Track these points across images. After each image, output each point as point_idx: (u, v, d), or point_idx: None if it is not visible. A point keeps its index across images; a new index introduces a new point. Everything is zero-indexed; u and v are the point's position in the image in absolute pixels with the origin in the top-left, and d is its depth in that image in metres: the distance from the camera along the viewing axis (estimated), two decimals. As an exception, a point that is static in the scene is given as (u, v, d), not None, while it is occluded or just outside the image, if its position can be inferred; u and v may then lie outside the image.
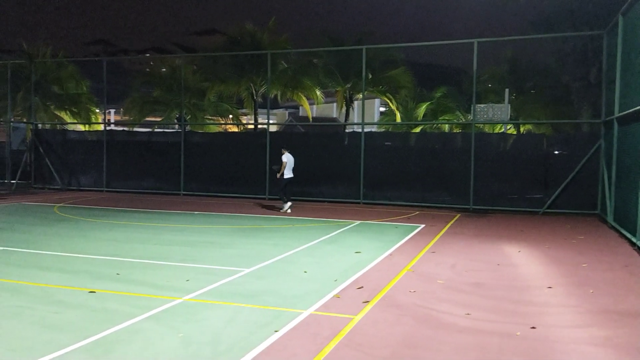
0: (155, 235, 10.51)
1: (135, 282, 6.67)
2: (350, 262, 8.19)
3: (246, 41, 22.49)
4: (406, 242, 10.15)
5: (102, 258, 8.12)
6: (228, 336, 4.81)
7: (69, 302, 5.76)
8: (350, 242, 10.00)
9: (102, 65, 20.68)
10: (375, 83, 22.20)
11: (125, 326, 5.01)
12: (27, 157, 21.20)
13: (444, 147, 16.77)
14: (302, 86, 22.75)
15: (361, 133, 17.25)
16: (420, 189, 16.57)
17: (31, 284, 6.54)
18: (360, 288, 6.60)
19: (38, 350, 4.37)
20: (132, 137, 21.45)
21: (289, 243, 9.69)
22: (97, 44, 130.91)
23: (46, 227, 11.13)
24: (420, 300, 6.13)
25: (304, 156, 17.81)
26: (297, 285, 6.71)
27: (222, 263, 7.93)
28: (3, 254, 8.35)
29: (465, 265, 8.14)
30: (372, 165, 17.01)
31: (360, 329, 5.10)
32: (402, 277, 7.25)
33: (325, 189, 17.58)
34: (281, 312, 5.56)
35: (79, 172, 20.77)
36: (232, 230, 11.30)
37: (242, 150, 18.74)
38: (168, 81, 23.69)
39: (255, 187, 18.25)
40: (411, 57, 25.29)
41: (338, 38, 22.79)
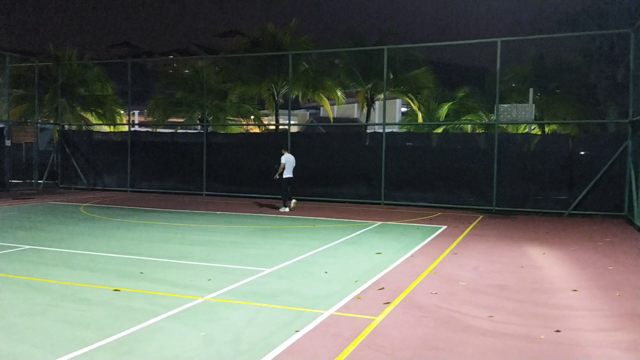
0: (178, 234, 10.64)
1: (159, 281, 6.75)
2: (371, 263, 8.16)
3: (268, 42, 22.62)
4: (428, 243, 10.07)
5: (126, 257, 8.25)
6: (249, 335, 4.84)
7: (94, 300, 5.86)
8: (371, 243, 9.97)
9: (126, 67, 21.02)
10: (396, 83, 22.10)
11: (149, 324, 5.08)
12: (54, 157, 21.66)
13: (466, 147, 16.61)
14: (323, 87, 22.79)
15: (382, 133, 17.19)
16: (442, 190, 16.43)
17: (58, 282, 6.67)
18: (381, 289, 6.57)
19: (63, 347, 4.46)
20: (155, 137, 21.74)
21: (309, 243, 9.70)
22: (122, 47, 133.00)
23: (72, 227, 11.35)
24: (442, 302, 6.07)
25: (324, 157, 17.86)
26: (317, 285, 6.71)
27: (243, 263, 7.98)
28: (31, 252, 8.54)
29: (488, 267, 8.04)
30: (393, 166, 16.93)
31: (381, 330, 5.08)
32: (423, 279, 7.19)
33: (346, 190, 17.56)
34: (302, 312, 5.57)
35: (104, 172, 21.13)
36: (253, 230, 11.37)
37: (264, 151, 18.83)
38: (191, 82, 23.95)
39: (276, 188, 18.28)
40: (433, 56, 25.13)
41: (359, 38, 22.76)
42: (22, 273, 7.08)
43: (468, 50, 33.65)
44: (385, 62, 17.49)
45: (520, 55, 22.05)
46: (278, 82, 22.49)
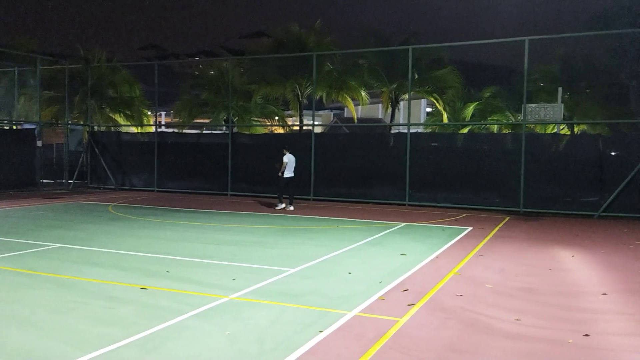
0: (204, 234, 10.76)
1: (184, 280, 6.84)
2: (395, 264, 8.12)
3: (292, 43, 22.71)
4: (453, 244, 9.97)
5: (153, 256, 8.38)
6: (273, 335, 4.86)
7: (122, 298, 5.97)
8: (395, 244, 9.92)
9: (153, 69, 21.37)
10: (421, 83, 21.96)
11: (174, 323, 5.15)
12: (84, 157, 22.14)
13: (492, 148, 16.37)
14: (347, 87, 22.78)
15: (407, 134, 17.08)
16: (467, 191, 16.24)
17: (87, 279, 6.82)
18: (406, 290, 6.53)
19: (92, 344, 4.55)
20: (181, 138, 22.03)
21: (333, 244, 9.70)
22: (149, 49, 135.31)
23: (101, 226, 11.58)
24: (467, 304, 6.00)
25: (348, 157, 17.83)
26: (341, 286, 6.71)
27: (267, 263, 8.02)
28: (61, 250, 8.75)
29: (514, 270, 7.92)
30: (418, 167, 16.80)
31: (405, 331, 5.05)
32: (448, 281, 7.12)
33: (371, 190, 17.50)
34: (326, 312, 5.57)
35: (132, 172, 21.51)
36: (277, 230, 11.42)
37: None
38: (216, 84, 24.22)
39: (300, 188, 18.35)
40: (459, 56, 24.83)
41: (384, 38, 22.69)
42: (53, 271, 7.25)
43: (495, 50, 33.23)
44: (410, 62, 17.37)
45: (549, 54, 21.66)
46: (302, 83, 22.57)
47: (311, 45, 22.31)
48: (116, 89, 25.45)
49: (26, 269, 7.32)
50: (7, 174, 19.20)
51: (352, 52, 22.51)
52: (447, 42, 19.34)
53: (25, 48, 25.51)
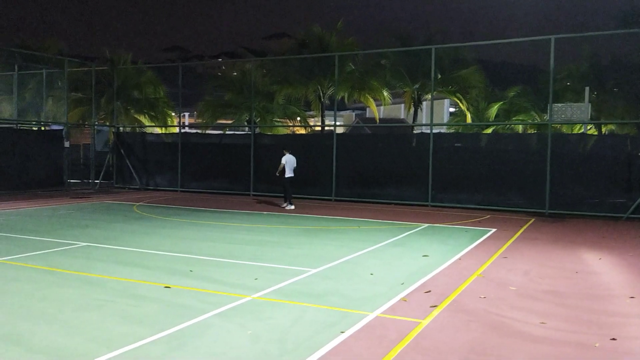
0: (226, 234, 10.85)
1: (207, 279, 6.91)
2: (417, 265, 8.06)
3: (314, 44, 22.76)
4: (476, 246, 9.86)
5: (176, 255, 8.48)
6: (295, 335, 4.88)
7: (146, 296, 6.06)
8: (417, 245, 9.85)
9: (177, 71, 21.64)
10: (444, 83, 21.76)
11: (198, 321, 5.20)
12: (110, 158, 22.54)
13: (517, 148, 16.14)
14: (369, 87, 22.72)
15: (430, 134, 16.95)
16: (491, 192, 16.04)
17: (112, 278, 6.94)
18: (428, 292, 6.48)
19: (118, 341, 4.63)
20: (204, 139, 22.26)
21: (355, 245, 9.69)
22: (173, 51, 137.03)
23: (126, 225, 11.77)
24: (491, 307, 5.93)
25: (370, 158, 17.78)
26: (363, 287, 6.69)
27: (289, 263, 8.05)
28: (88, 249, 8.92)
29: (540, 272, 7.79)
30: (441, 167, 16.65)
31: (427, 333, 5.01)
32: (471, 283, 7.05)
33: (393, 191, 17.42)
34: (347, 313, 5.57)
35: (156, 172, 21.82)
36: (299, 230, 11.45)
37: (310, 152, 18.93)
38: (239, 85, 24.40)
39: (322, 189, 18.39)
40: (483, 55, 24.58)
41: (406, 38, 22.55)
42: (80, 269, 7.40)
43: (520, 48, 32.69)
44: (433, 62, 17.23)
45: (576, 53, 21.26)
46: (324, 84, 22.58)
47: (333, 46, 22.32)
48: (141, 91, 25.85)
49: (54, 267, 7.49)
50: (36, 174, 19.66)
51: (374, 52, 22.44)
52: (470, 42, 19.11)
53: (53, 50, 26.12)
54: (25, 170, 19.23)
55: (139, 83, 25.65)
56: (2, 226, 11.18)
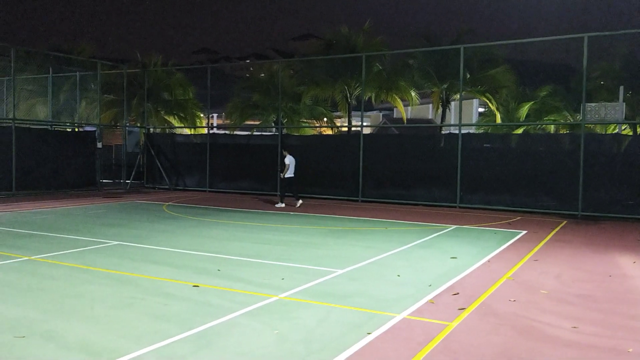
0: (253, 234, 10.93)
1: (234, 279, 6.98)
2: (445, 267, 7.98)
3: (341, 44, 22.74)
4: (506, 248, 9.69)
5: (204, 254, 8.59)
6: (321, 335, 4.88)
7: (175, 295, 6.15)
8: (445, 247, 9.75)
9: (206, 72, 21.92)
10: (473, 83, 21.47)
11: (225, 320, 5.26)
12: (140, 159, 22.97)
13: (549, 149, 15.81)
14: (396, 88, 22.58)
15: (458, 134, 16.75)
16: (522, 194, 15.75)
17: (143, 276, 7.07)
18: (456, 294, 6.41)
19: (148, 338, 4.72)
20: (232, 140, 22.48)
21: (382, 246, 9.64)
22: (202, 53, 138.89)
23: (156, 224, 11.98)
24: (521, 310, 5.83)
25: (397, 158, 17.67)
26: (390, 288, 6.65)
27: (315, 263, 8.06)
28: (119, 248, 9.11)
29: (572, 275, 7.61)
30: (469, 168, 16.44)
31: (455, 336, 4.95)
32: (501, 285, 6.93)
33: (420, 192, 17.26)
34: (374, 314, 5.55)
35: (185, 173, 22.14)
36: (325, 231, 11.46)
37: (336, 153, 18.94)
38: (266, 86, 24.57)
39: (348, 189, 18.36)
40: (513, 54, 24.06)
41: (434, 38, 22.35)
42: (111, 267, 7.56)
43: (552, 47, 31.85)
44: (462, 62, 17.02)
45: (609, 51, 20.69)
46: (351, 84, 22.54)
47: (360, 46, 22.26)
48: (171, 92, 26.29)
49: (86, 265, 7.67)
50: (70, 174, 20.17)
51: (402, 52, 22.29)
52: (500, 40, 18.77)
53: (87, 54, 26.77)
54: (59, 171, 19.74)
55: (169, 85, 26.09)
56: (38, 225, 11.51)
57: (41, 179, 19.06)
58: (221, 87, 28.25)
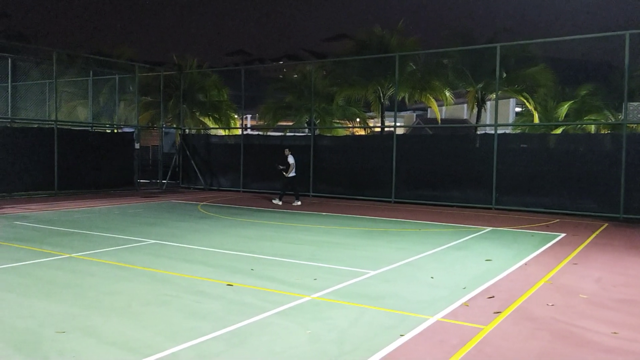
0: (286, 234, 11.00)
1: (267, 278, 7.03)
2: (480, 270, 7.84)
3: (374, 45, 22.66)
4: (544, 251, 9.46)
5: (238, 253, 8.68)
6: (353, 336, 4.87)
7: (210, 293, 6.24)
8: (480, 249, 9.58)
9: (240, 74, 22.17)
10: (510, 82, 21.06)
11: (258, 319, 5.30)
12: (176, 159, 23.42)
13: (589, 149, 15.34)
14: (430, 87, 22.36)
15: (494, 135, 16.44)
16: (560, 195, 15.34)
17: (178, 274, 7.21)
18: (491, 298, 6.29)
19: (183, 336, 4.80)
20: (266, 140, 22.66)
21: (415, 247, 9.55)
22: (237, 54, 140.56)
23: (191, 224, 12.19)
24: (559, 315, 5.67)
25: (431, 159, 17.47)
26: (423, 290, 6.58)
27: (348, 264, 8.05)
28: (155, 246, 9.31)
29: (613, 280, 7.37)
30: (505, 169, 16.11)
31: (490, 340, 4.86)
32: (538, 289, 6.77)
33: (454, 193, 17.02)
34: (407, 316, 5.50)
35: (219, 173, 22.46)
36: (358, 232, 11.42)
37: (369, 153, 18.86)
38: (299, 87, 24.70)
39: (381, 190, 18.26)
40: (551, 52, 23.42)
41: (469, 37, 22.01)
42: (148, 265, 7.73)
43: (592, 45, 30.69)
44: (498, 61, 16.69)
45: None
46: (384, 84, 22.43)
47: (393, 46, 22.13)
48: (206, 94, 26.73)
49: (124, 262, 7.87)
50: (109, 174, 20.73)
51: (436, 52, 22.04)
52: (538, 38, 18.30)
53: (125, 57, 27.46)
54: (99, 171, 20.31)
55: (204, 86, 26.53)
56: (78, 223, 11.87)
57: (82, 179, 19.64)
58: (255, 88, 28.55)
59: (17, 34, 35.04)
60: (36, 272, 7.22)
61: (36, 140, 18.34)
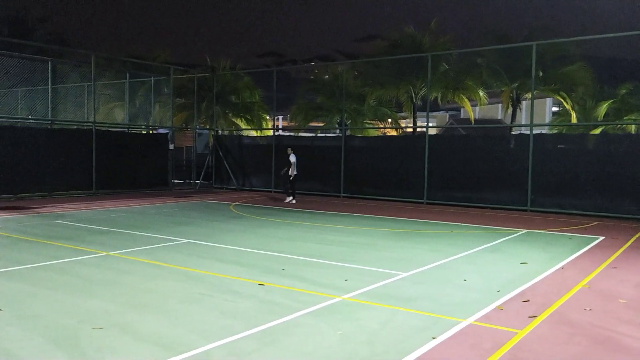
0: (317, 234, 11.01)
1: (299, 278, 7.06)
2: (515, 273, 7.69)
3: (406, 45, 22.48)
4: (581, 255, 9.21)
5: (269, 254, 8.75)
6: (385, 338, 4.84)
7: (242, 293, 6.31)
8: (515, 251, 9.39)
9: (272, 75, 22.34)
10: (546, 81, 20.58)
11: (290, 319, 5.33)
12: (209, 160, 23.77)
13: (630, 149, 14.85)
14: (463, 87, 22.05)
15: (530, 135, 16.09)
16: (599, 197, 14.90)
17: (211, 273, 7.31)
18: (526, 301, 6.15)
19: (215, 334, 4.87)
20: (297, 141, 22.76)
21: (447, 249, 9.43)
22: (268, 56, 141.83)
23: (223, 223, 12.34)
24: (597, 320, 5.51)
25: (464, 160, 17.21)
26: (456, 293, 6.49)
27: (379, 265, 8.01)
28: (189, 245, 9.47)
29: (654, 285, 7.11)
30: (541, 170, 15.75)
31: (525, 344, 4.76)
32: (575, 293, 6.59)
33: (488, 195, 16.73)
34: (439, 319, 5.43)
35: (251, 173, 22.67)
36: (389, 233, 11.35)
37: (401, 154, 18.72)
38: (330, 88, 24.71)
39: (413, 191, 18.11)
40: (590, 51, 22.75)
41: (504, 35, 21.61)
42: (182, 264, 7.87)
43: (632, 43, 29.47)
44: (534, 59, 16.33)
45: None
46: (416, 84, 22.23)
47: (426, 46, 21.92)
48: (238, 95, 27.03)
49: (159, 261, 8.03)
50: (144, 175, 21.19)
51: (470, 51, 21.72)
52: (576, 36, 17.79)
53: (161, 60, 28.03)
54: (135, 171, 20.78)
55: (237, 88, 26.84)
56: (115, 222, 12.17)
57: (118, 179, 20.13)
58: (286, 89, 28.73)
59: (57, 38, 36.17)
60: (75, 269, 7.43)
61: (75, 141, 18.89)
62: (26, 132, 18.00)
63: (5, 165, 16.67)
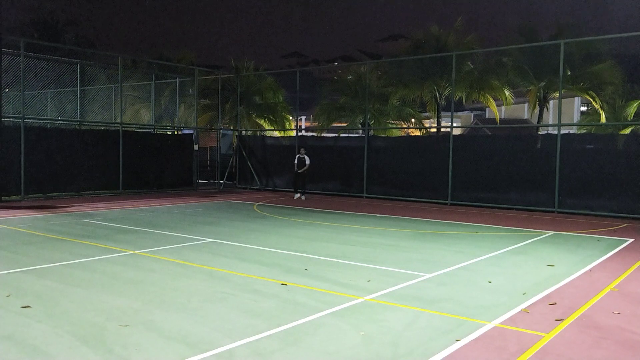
0: (340, 235, 11.01)
1: (321, 279, 7.06)
2: (541, 275, 7.55)
3: (431, 44, 22.33)
4: (610, 257, 9.00)
5: (292, 254, 8.78)
6: (408, 339, 4.81)
7: (265, 292, 6.34)
8: (541, 253, 9.23)
9: (295, 76, 22.41)
10: (574, 80, 20.18)
11: (312, 319, 5.34)
12: (233, 160, 23.97)
13: (660, 150, 14.45)
14: (489, 87, 21.78)
15: (557, 135, 15.79)
16: (629, 198, 14.54)
17: (234, 273, 7.36)
18: (553, 304, 6.04)
19: (238, 333, 4.90)
20: (320, 142, 22.78)
21: (472, 251, 9.32)
22: (292, 57, 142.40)
23: (247, 223, 12.43)
24: (626, 324, 5.38)
25: (490, 160, 16.99)
26: (480, 295, 6.41)
27: (402, 266, 7.96)
28: (213, 245, 9.56)
29: (687, 289, 6.90)
30: (569, 171, 15.45)
31: (552, 348, 4.67)
32: (604, 296, 6.45)
33: (514, 196, 16.47)
34: (463, 321, 5.37)
35: (275, 174, 22.77)
36: (413, 234, 11.28)
37: (425, 155, 18.57)
38: (354, 88, 24.66)
39: (437, 192, 17.95)
40: (620, 49, 22.24)
41: (531, 33, 21.27)
42: (206, 263, 7.95)
43: (665, 39, 28.21)
44: (562, 58, 16.03)
45: None
46: (441, 84, 22.04)
47: (450, 45, 21.73)
48: (262, 96, 27.19)
49: (183, 260, 8.12)
50: (170, 175, 21.48)
51: (495, 50, 21.43)
52: (605, 34, 17.40)
53: (186, 61, 28.40)
54: (160, 171, 21.08)
55: (260, 89, 27.00)
56: (141, 222, 12.37)
57: (144, 179, 20.45)
58: (309, 90, 28.77)
59: (85, 40, 36.97)
60: (102, 267, 7.58)
61: (103, 142, 19.25)
62: (55, 133, 18.42)
63: (35, 165, 17.09)
